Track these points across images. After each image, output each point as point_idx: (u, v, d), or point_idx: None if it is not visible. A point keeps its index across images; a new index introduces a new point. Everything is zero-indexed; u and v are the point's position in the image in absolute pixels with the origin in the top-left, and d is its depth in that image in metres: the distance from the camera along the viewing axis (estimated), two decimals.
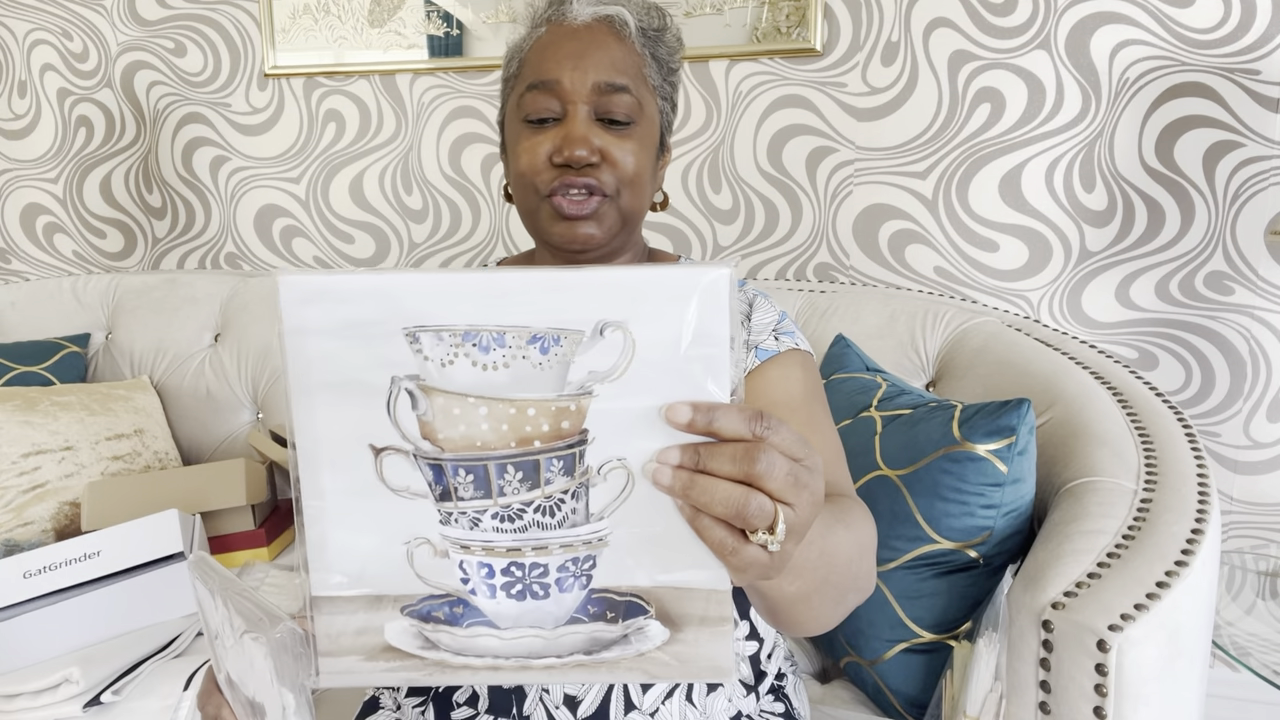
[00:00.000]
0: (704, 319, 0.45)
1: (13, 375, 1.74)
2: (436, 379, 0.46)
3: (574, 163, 0.78)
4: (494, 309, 0.45)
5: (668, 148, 0.89)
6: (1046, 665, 0.80)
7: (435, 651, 0.51)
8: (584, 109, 0.80)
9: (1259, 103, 1.48)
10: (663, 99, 0.86)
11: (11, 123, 2.18)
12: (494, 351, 0.46)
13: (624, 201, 0.82)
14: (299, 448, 0.48)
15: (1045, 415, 1.14)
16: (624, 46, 0.82)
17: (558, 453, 0.48)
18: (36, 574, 1.21)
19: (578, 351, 0.46)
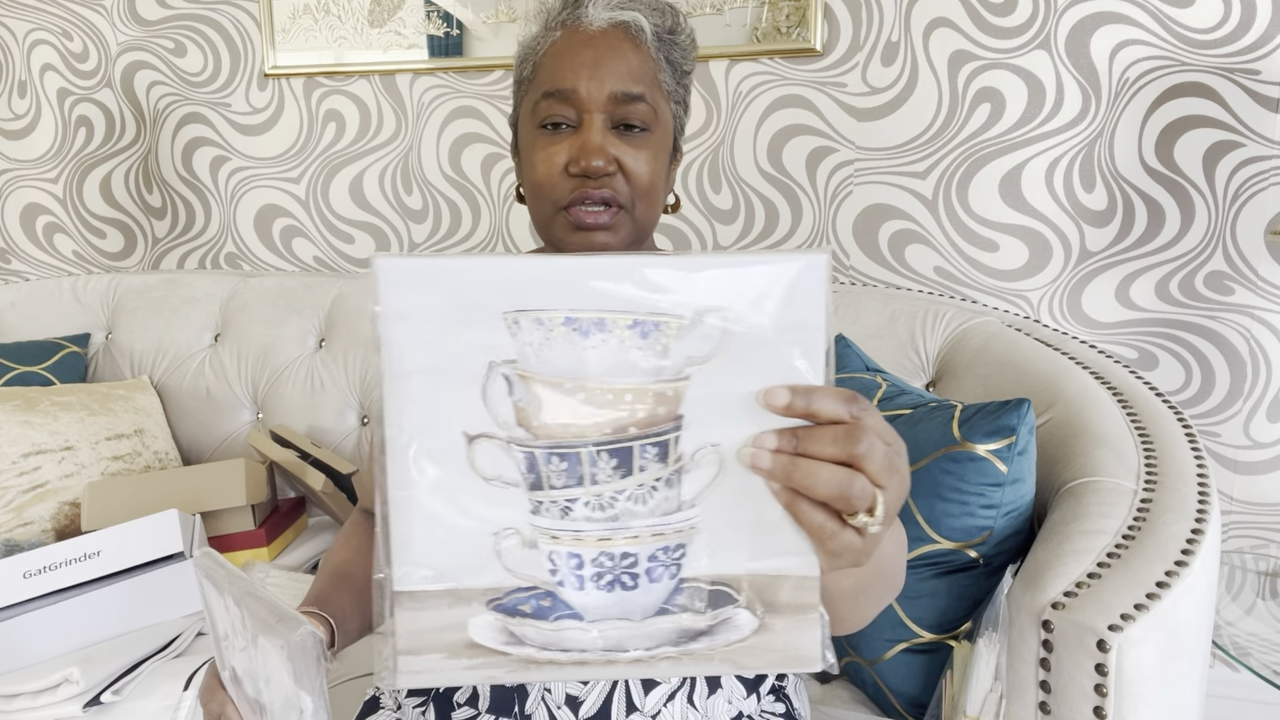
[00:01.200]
0: (800, 304, 0.45)
1: (13, 375, 1.74)
2: (534, 364, 0.45)
3: (591, 173, 0.79)
4: (595, 294, 0.45)
5: (680, 151, 0.90)
6: (1046, 665, 0.80)
7: (520, 647, 0.49)
8: (600, 118, 0.80)
9: (1259, 103, 1.48)
10: (676, 103, 0.86)
11: (11, 123, 2.18)
12: (594, 336, 0.45)
13: (639, 211, 0.82)
14: (388, 438, 0.47)
15: (1045, 415, 1.14)
16: (640, 53, 0.81)
17: (652, 439, 0.47)
18: (36, 574, 1.21)
19: (676, 337, 0.46)
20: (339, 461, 1.57)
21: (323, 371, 1.76)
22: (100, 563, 1.23)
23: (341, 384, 1.74)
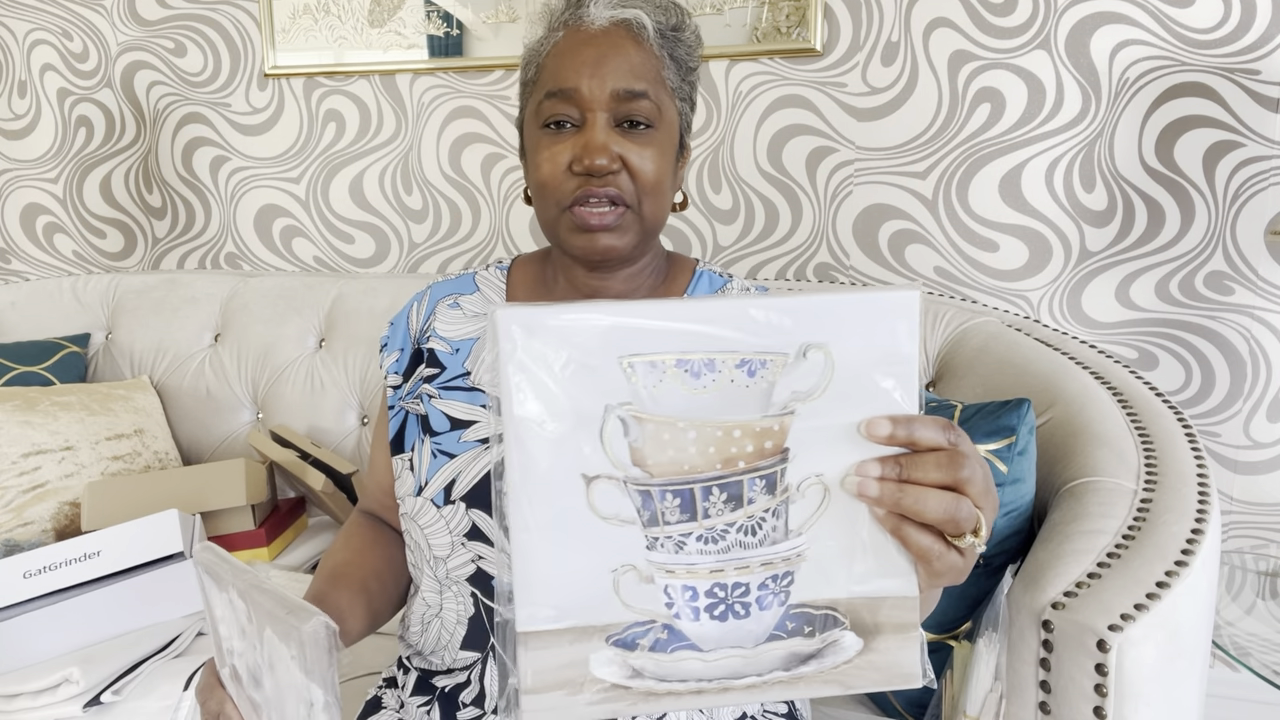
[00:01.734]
0: (896, 338, 0.48)
1: (13, 375, 1.74)
2: (649, 405, 0.48)
3: (594, 171, 0.78)
4: (704, 336, 0.47)
5: (687, 149, 0.89)
6: (1046, 665, 0.80)
7: (640, 680, 0.50)
8: (603, 116, 0.79)
9: (1259, 103, 1.48)
10: (681, 100, 0.85)
11: (11, 123, 2.18)
12: (704, 376, 0.47)
13: (645, 210, 0.81)
14: (509, 482, 0.49)
15: (1045, 415, 1.14)
16: (642, 51, 0.81)
17: (761, 472, 0.49)
18: (36, 574, 1.21)
19: (782, 373, 0.48)
20: (339, 461, 1.57)
21: (323, 371, 1.76)
22: (100, 563, 1.23)
23: (341, 384, 1.74)
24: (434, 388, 0.90)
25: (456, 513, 0.83)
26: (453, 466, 0.85)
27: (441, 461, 0.86)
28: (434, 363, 0.91)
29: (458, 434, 0.87)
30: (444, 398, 0.89)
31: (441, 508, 0.84)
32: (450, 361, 0.90)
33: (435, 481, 0.85)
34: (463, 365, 0.90)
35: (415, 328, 0.94)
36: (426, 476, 0.86)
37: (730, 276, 0.95)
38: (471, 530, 0.83)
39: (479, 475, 0.84)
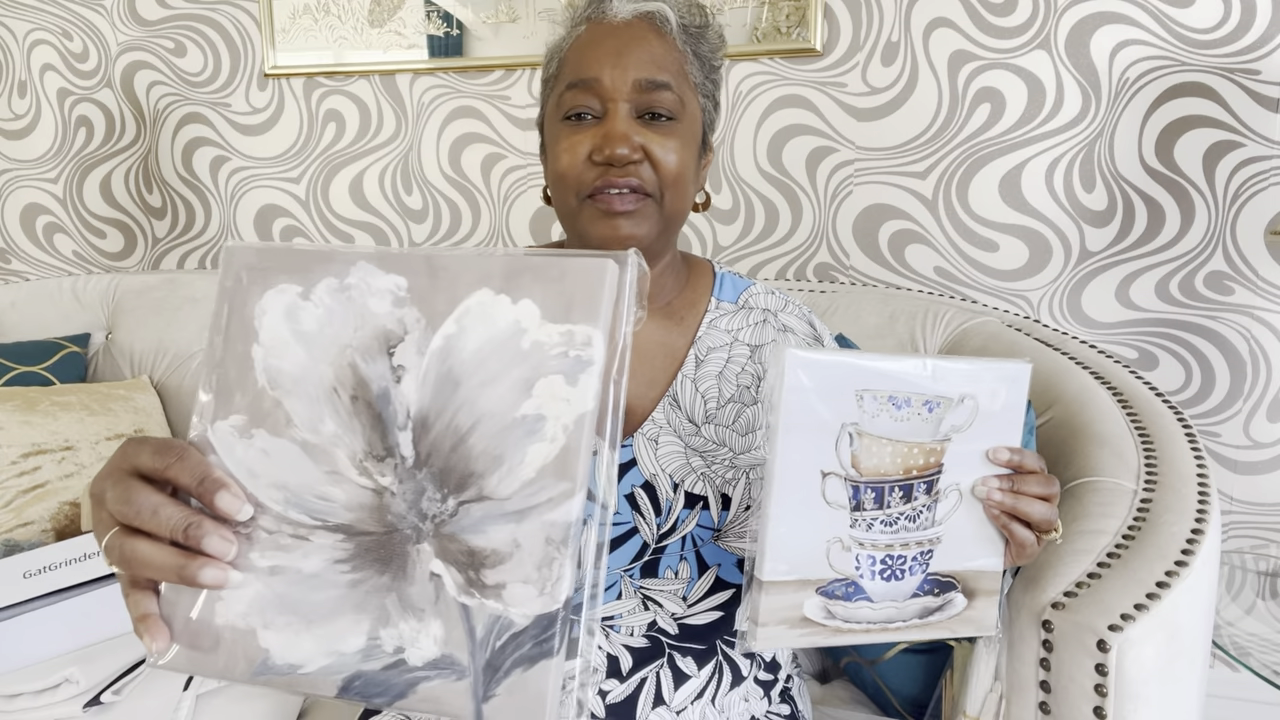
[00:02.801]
0: (1013, 394, 0.70)
1: (13, 375, 1.74)
2: (868, 426, 0.66)
3: (615, 161, 0.77)
4: (905, 382, 0.66)
5: (710, 147, 0.89)
6: (1046, 665, 0.80)
7: (833, 620, 0.69)
8: (625, 106, 0.79)
9: (1259, 103, 1.48)
10: (705, 97, 0.84)
11: (11, 123, 2.18)
12: (904, 409, 0.67)
13: (667, 202, 0.81)
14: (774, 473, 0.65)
15: (1045, 415, 1.14)
16: (665, 43, 0.80)
17: (926, 479, 0.69)
18: (36, 574, 1.21)
19: (948, 412, 0.68)
20: None
21: None
22: (100, 563, 1.23)
23: None
24: None
25: None
26: None
27: None
28: None
29: None
30: None
31: None
32: None
33: None
34: None
35: None
36: None
37: (751, 281, 0.96)
38: None
39: None
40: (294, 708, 1.14)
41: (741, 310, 0.93)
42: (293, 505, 0.50)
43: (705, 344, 0.89)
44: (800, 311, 0.95)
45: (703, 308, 0.92)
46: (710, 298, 0.93)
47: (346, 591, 0.49)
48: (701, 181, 0.88)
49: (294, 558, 0.49)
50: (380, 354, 0.49)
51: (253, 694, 1.12)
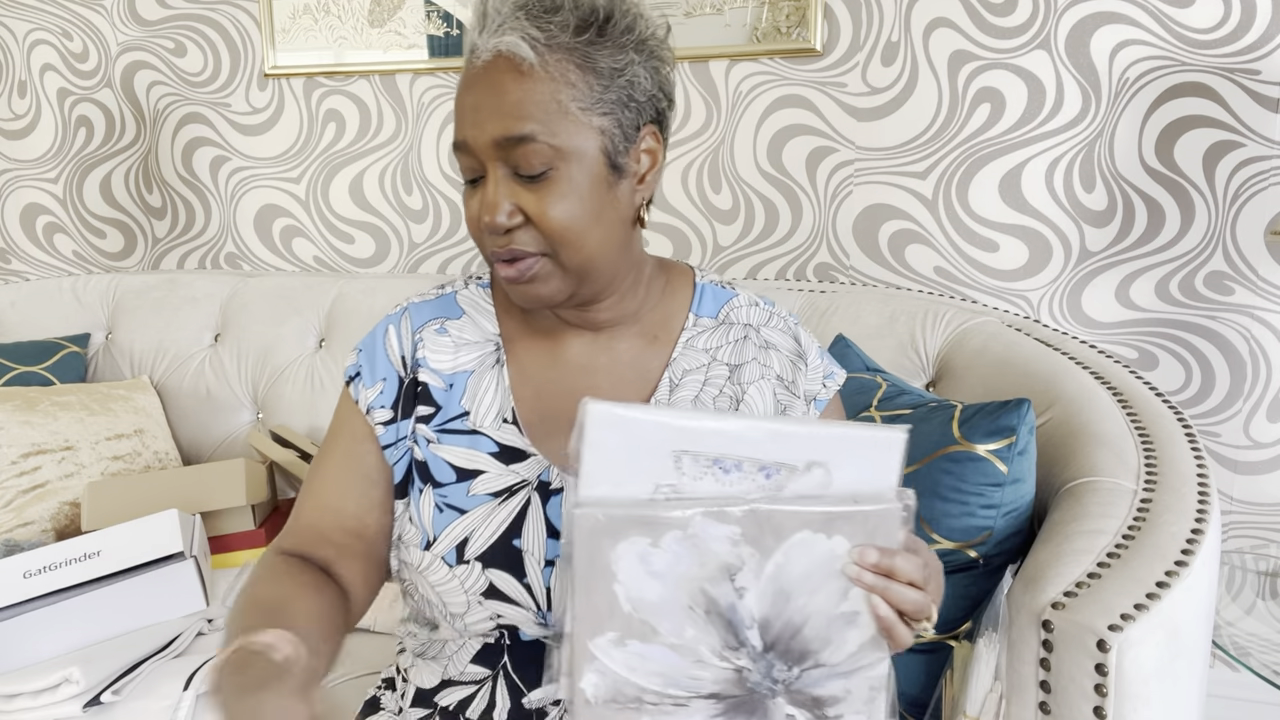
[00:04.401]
0: (880, 464, 0.63)
1: (13, 375, 1.74)
2: (688, 489, 0.62)
3: (492, 230, 0.72)
4: (737, 445, 0.61)
5: (623, 171, 0.75)
6: (1046, 665, 0.80)
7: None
8: (498, 168, 0.72)
9: (1259, 103, 1.48)
10: (604, 114, 0.73)
11: (11, 123, 2.18)
12: (733, 473, 0.62)
13: (565, 258, 0.74)
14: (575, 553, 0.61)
15: (1045, 415, 1.14)
16: (525, 82, 0.70)
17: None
18: (36, 574, 1.21)
19: (790, 480, 0.62)
20: None
21: (323, 371, 1.76)
22: (100, 563, 1.23)
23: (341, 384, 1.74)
24: (431, 430, 0.81)
25: (471, 573, 0.77)
26: (464, 524, 0.78)
27: (450, 517, 0.79)
28: (426, 399, 0.82)
29: (465, 485, 0.80)
30: (444, 442, 0.81)
31: (454, 566, 0.78)
32: (445, 400, 0.82)
33: (444, 539, 0.78)
34: (459, 404, 0.82)
35: (399, 353, 0.84)
36: (434, 532, 0.79)
37: (734, 289, 0.90)
38: (489, 589, 0.77)
39: (496, 533, 0.78)
40: None
41: (721, 326, 0.87)
42: (670, 684, 0.63)
43: (681, 366, 0.84)
44: (785, 325, 0.89)
45: (679, 324, 0.86)
46: (688, 313, 0.86)
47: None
48: (638, 201, 0.78)
49: (679, 717, 0.64)
50: (724, 580, 0.62)
51: None
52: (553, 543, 0.78)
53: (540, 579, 0.77)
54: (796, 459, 0.62)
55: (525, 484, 0.80)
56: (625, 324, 0.84)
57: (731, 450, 0.62)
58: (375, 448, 0.83)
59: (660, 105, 0.78)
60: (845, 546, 0.62)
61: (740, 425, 0.62)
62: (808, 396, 0.87)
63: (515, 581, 0.77)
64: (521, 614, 0.78)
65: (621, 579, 0.62)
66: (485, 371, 0.83)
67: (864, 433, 0.63)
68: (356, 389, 0.84)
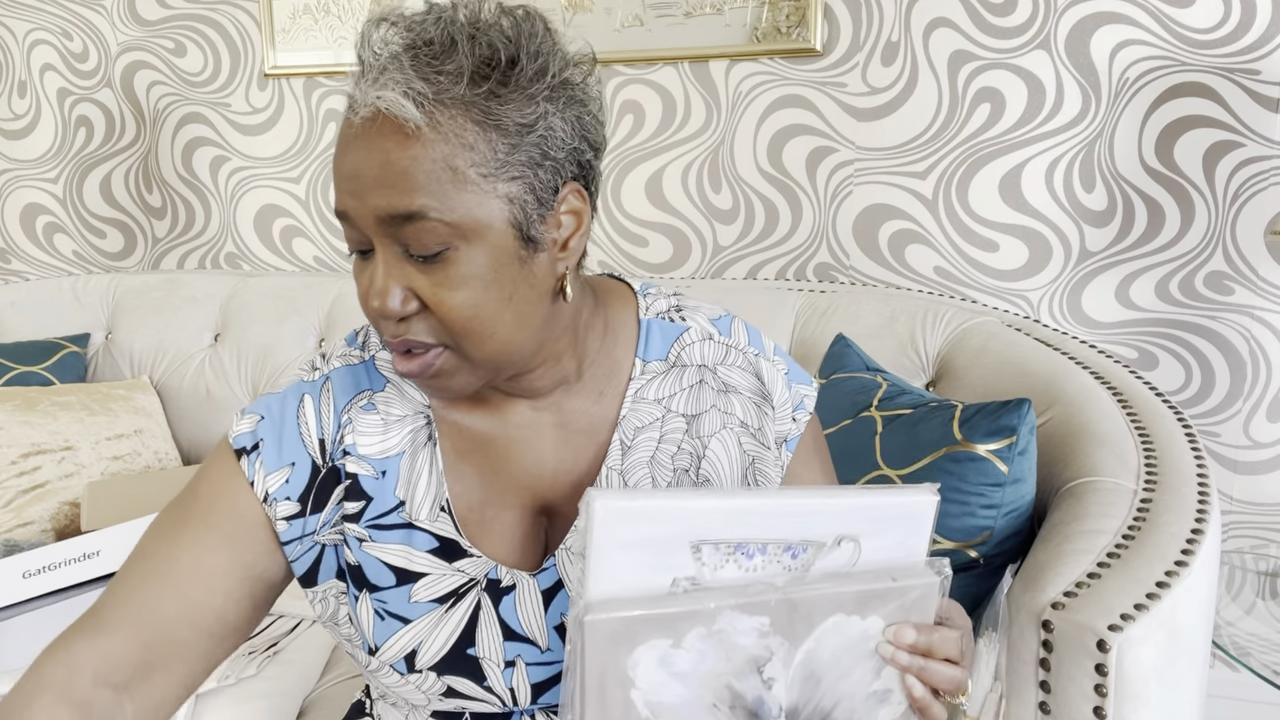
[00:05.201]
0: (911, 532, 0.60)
1: (13, 375, 1.74)
2: (709, 580, 0.57)
3: (385, 316, 0.61)
4: (759, 527, 0.56)
5: (542, 239, 0.62)
6: (1046, 665, 0.80)
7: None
8: (389, 246, 0.60)
9: (1259, 103, 1.48)
10: (511, 179, 0.59)
11: (11, 123, 2.18)
12: (756, 558, 0.57)
13: (469, 350, 0.62)
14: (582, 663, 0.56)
15: (1045, 415, 1.14)
16: (411, 147, 0.57)
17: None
18: (36, 574, 1.21)
19: (817, 558, 0.58)
20: None
21: None
22: (100, 563, 1.23)
23: None
24: (362, 528, 0.69)
25: (426, 679, 0.70)
26: (410, 634, 0.69)
27: (393, 625, 0.69)
28: (355, 494, 0.70)
29: (405, 590, 0.69)
30: (377, 540, 0.69)
31: (406, 675, 0.70)
32: (377, 490, 0.70)
33: (389, 649, 0.69)
34: (394, 494, 0.70)
35: (315, 435, 0.70)
36: (375, 642, 0.69)
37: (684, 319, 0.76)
38: (448, 691, 0.70)
39: (448, 644, 0.69)
40: (293, 708, 1.14)
41: (674, 369, 0.74)
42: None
43: (631, 423, 0.72)
44: (745, 359, 0.75)
45: (625, 375, 0.73)
46: (633, 359, 0.74)
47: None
48: (559, 273, 0.65)
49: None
50: (751, 673, 0.58)
51: (253, 694, 1.13)
52: (510, 645, 0.70)
53: (502, 680, 0.70)
54: (824, 535, 0.58)
55: (473, 584, 0.70)
56: (566, 385, 0.72)
57: (754, 533, 0.56)
58: (267, 538, 0.69)
59: (584, 157, 0.64)
60: (879, 625, 0.59)
61: (764, 504, 0.57)
62: (778, 439, 0.75)
63: (475, 685, 0.70)
64: (489, 706, 0.72)
65: (640, 685, 0.57)
66: (417, 452, 0.71)
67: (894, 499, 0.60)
68: (252, 468, 0.68)
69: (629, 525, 0.54)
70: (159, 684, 0.66)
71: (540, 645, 0.71)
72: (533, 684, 0.71)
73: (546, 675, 0.72)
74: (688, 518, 0.55)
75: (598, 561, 0.54)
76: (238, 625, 0.69)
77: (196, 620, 0.66)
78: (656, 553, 0.55)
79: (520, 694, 0.72)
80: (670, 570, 0.56)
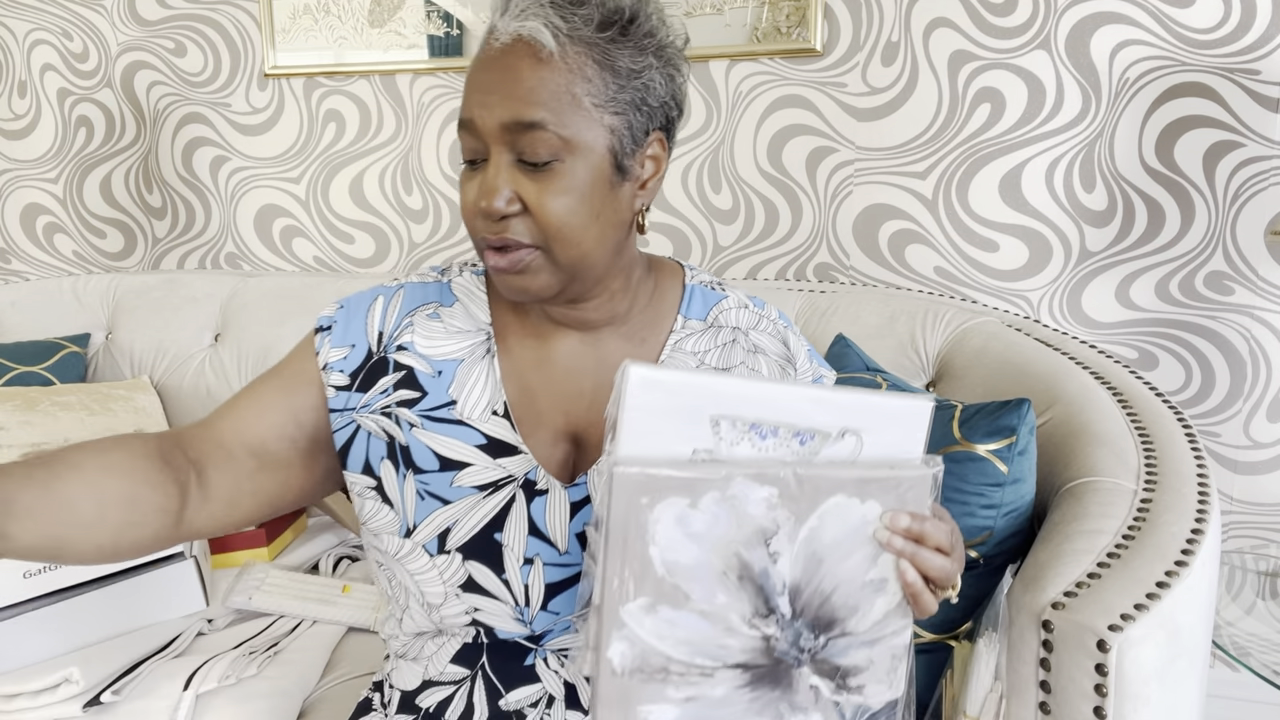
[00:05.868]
0: (908, 432, 0.65)
1: (13, 375, 1.74)
2: (725, 454, 0.62)
3: (489, 215, 0.71)
4: (774, 410, 0.62)
5: (627, 173, 0.75)
6: (1046, 665, 0.80)
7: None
8: (503, 153, 0.71)
9: (1259, 103, 1.48)
10: (617, 114, 0.72)
11: (11, 123, 2.18)
12: (769, 439, 0.63)
13: (558, 254, 0.72)
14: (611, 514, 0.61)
15: (1045, 415, 1.14)
16: (542, 69, 0.69)
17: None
18: (36, 574, 1.21)
19: (823, 447, 0.64)
20: None
21: None
22: None
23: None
24: (415, 415, 0.79)
25: (451, 563, 0.77)
26: (447, 514, 0.78)
27: (432, 505, 0.78)
28: (411, 384, 0.80)
29: (449, 476, 0.78)
30: (428, 429, 0.79)
31: (434, 556, 0.77)
32: (433, 386, 0.80)
33: (425, 528, 0.78)
34: (448, 392, 0.80)
35: (377, 328, 0.82)
36: (415, 520, 0.78)
37: (724, 291, 0.88)
38: (467, 582, 0.78)
39: (479, 526, 0.77)
40: (293, 708, 1.14)
41: (710, 329, 0.85)
42: (698, 654, 0.63)
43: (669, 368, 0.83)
44: (774, 328, 0.88)
45: (667, 327, 0.84)
46: (676, 315, 0.85)
47: (748, 705, 0.65)
48: (639, 205, 0.77)
49: (704, 688, 0.64)
50: (759, 544, 0.63)
51: (252, 694, 1.13)
52: (533, 541, 0.78)
53: (519, 576, 0.77)
54: (831, 426, 0.63)
55: (511, 479, 0.79)
56: (614, 325, 0.82)
57: (768, 416, 0.62)
58: (317, 394, 0.81)
59: (671, 113, 0.77)
60: (877, 512, 0.64)
61: (779, 391, 0.63)
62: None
63: (494, 576, 0.77)
64: (499, 608, 0.78)
65: (658, 541, 0.61)
66: (475, 362, 0.81)
67: (894, 402, 0.65)
68: (321, 341, 0.82)
69: (658, 393, 0.60)
70: (211, 480, 0.76)
71: (560, 548, 0.78)
72: (546, 584, 0.78)
73: (560, 577, 0.78)
74: (710, 394, 0.61)
75: (628, 424, 0.60)
76: (276, 460, 0.79)
77: (244, 436, 0.78)
78: (680, 422, 0.61)
79: (534, 592, 0.78)
80: (691, 441, 0.61)
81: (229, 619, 1.31)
